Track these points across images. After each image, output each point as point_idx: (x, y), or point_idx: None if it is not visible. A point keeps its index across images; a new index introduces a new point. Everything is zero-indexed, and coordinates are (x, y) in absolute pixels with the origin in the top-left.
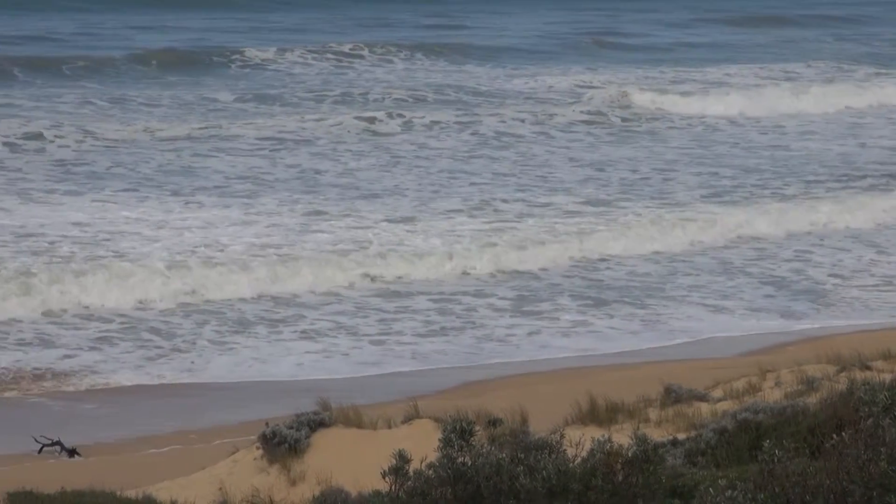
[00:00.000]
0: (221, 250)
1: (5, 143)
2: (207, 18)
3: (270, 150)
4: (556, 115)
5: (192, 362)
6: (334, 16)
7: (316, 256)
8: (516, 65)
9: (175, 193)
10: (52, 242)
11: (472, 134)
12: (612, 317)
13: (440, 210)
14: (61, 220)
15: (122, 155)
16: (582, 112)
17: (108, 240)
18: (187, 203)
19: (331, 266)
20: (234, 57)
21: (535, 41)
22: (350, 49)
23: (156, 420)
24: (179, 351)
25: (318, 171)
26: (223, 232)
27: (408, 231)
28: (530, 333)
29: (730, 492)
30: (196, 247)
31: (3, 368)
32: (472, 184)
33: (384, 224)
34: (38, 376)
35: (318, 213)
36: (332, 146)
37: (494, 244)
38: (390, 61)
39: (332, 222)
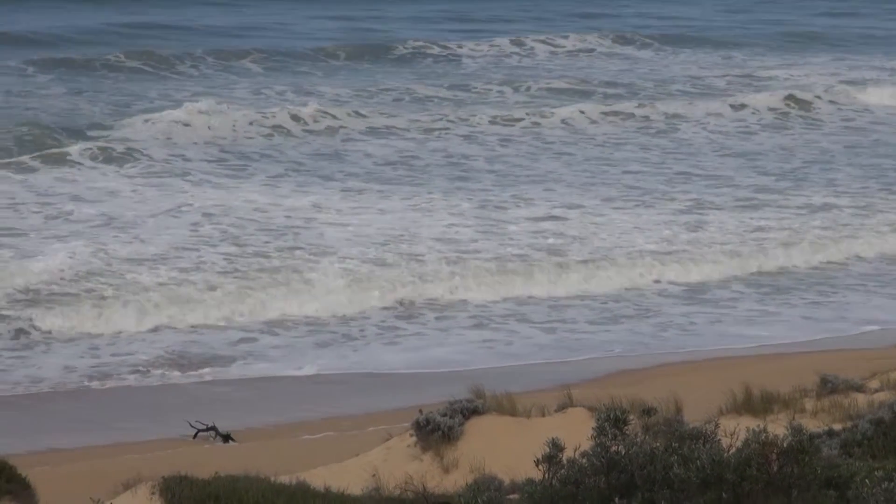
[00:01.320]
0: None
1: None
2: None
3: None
4: None
5: (355, 350)
6: (524, 5)
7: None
8: (750, 55)
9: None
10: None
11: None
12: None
13: None
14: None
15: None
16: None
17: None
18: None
19: None
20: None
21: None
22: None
23: (308, 406)
24: (350, 339)
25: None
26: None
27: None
28: (694, 322)
29: (886, 483)
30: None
31: (164, 355)
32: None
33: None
34: (198, 363)
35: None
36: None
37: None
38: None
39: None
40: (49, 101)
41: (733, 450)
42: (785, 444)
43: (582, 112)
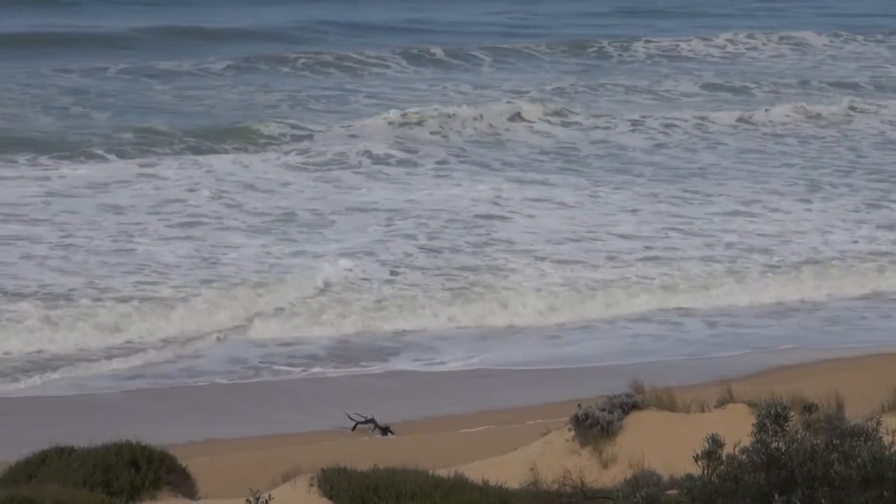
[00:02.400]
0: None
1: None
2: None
3: None
4: None
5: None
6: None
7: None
8: None
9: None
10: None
11: None
12: None
13: None
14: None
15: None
16: None
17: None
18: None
19: None
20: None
21: None
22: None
23: (466, 400)
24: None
25: None
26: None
27: None
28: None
29: None
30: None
31: (325, 348)
32: None
33: None
34: (358, 356)
35: None
36: None
37: None
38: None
39: None
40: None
41: (895, 448)
42: None
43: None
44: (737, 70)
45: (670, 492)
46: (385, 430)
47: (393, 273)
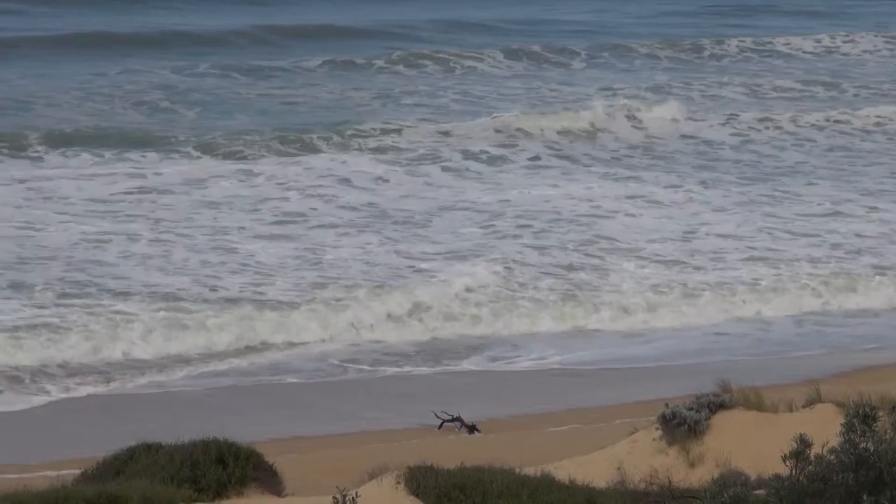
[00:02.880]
0: None
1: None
2: None
3: None
4: None
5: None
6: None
7: None
8: None
9: None
10: None
11: None
12: None
13: None
14: None
15: None
16: None
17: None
18: None
19: None
20: None
21: None
22: None
23: (553, 399)
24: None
25: None
26: None
27: None
28: None
29: None
30: None
31: (413, 345)
32: None
33: None
34: (445, 354)
35: None
36: None
37: None
38: None
39: None
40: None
41: None
42: None
43: None
44: (830, 67)
45: (758, 492)
46: (472, 429)
47: (503, 272)
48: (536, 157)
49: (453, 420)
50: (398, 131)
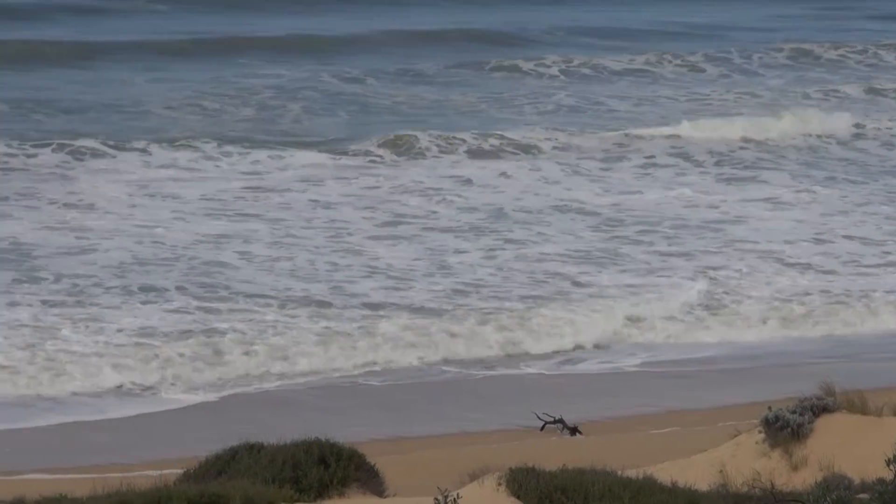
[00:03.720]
0: None
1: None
2: None
3: None
4: None
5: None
6: None
7: None
8: None
9: None
10: None
11: None
12: None
13: None
14: None
15: None
16: None
17: None
18: None
19: None
20: None
21: None
22: None
23: (653, 401)
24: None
25: None
26: None
27: None
28: None
29: None
30: None
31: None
32: None
33: None
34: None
35: None
36: None
37: None
38: None
39: None
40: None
41: None
42: None
43: None
44: None
45: (861, 496)
46: (573, 431)
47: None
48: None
49: (555, 422)
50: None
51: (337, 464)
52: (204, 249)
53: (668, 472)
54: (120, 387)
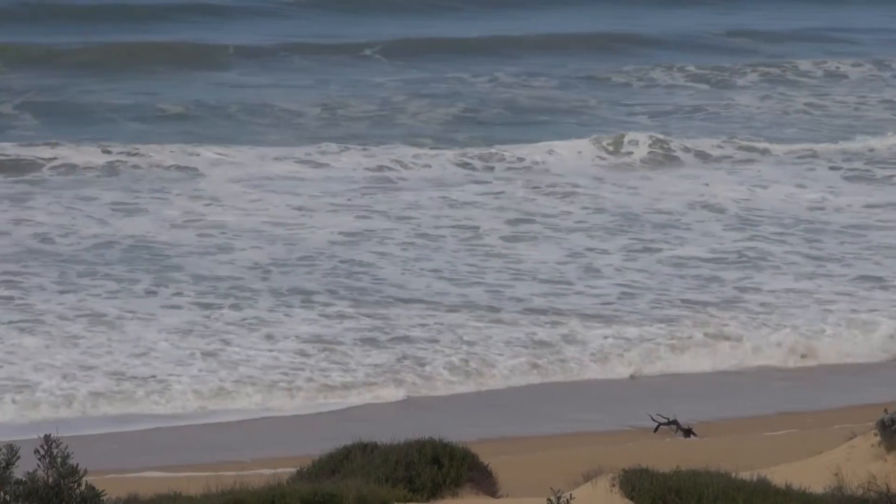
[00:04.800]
0: None
1: None
2: None
3: None
4: None
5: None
6: None
7: None
8: None
9: None
10: None
11: None
12: None
13: None
14: None
15: None
16: None
17: None
18: None
19: None
20: None
21: None
22: None
23: (769, 402)
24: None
25: None
26: None
27: None
28: None
29: None
30: None
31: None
32: None
33: None
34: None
35: None
36: None
37: None
38: None
39: None
40: None
41: None
42: None
43: None
44: None
45: None
46: (688, 432)
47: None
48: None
49: (669, 423)
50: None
51: (450, 464)
52: (340, 249)
53: (782, 475)
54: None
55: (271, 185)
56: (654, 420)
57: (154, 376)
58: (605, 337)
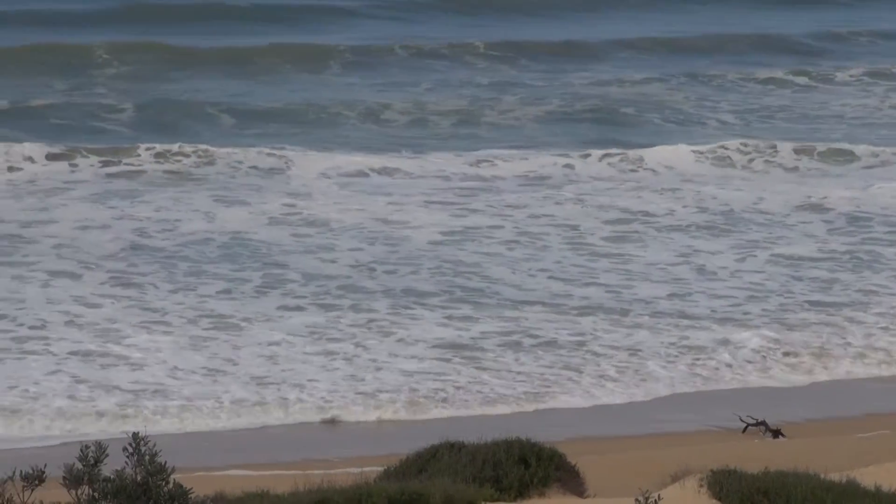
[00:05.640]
0: None
1: None
2: None
3: None
4: None
5: None
6: None
7: None
8: None
9: None
10: None
11: None
12: None
13: None
14: None
15: None
16: None
17: None
18: None
19: None
20: None
21: None
22: None
23: (858, 403)
24: None
25: None
26: None
27: None
28: None
29: None
30: None
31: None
32: None
33: None
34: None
35: None
36: None
37: None
38: None
39: None
40: None
41: None
42: None
43: None
44: None
45: None
46: (776, 433)
47: None
48: None
49: (757, 424)
50: None
51: (537, 463)
52: (442, 249)
53: (872, 476)
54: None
55: (367, 183)
56: (742, 421)
57: (299, 384)
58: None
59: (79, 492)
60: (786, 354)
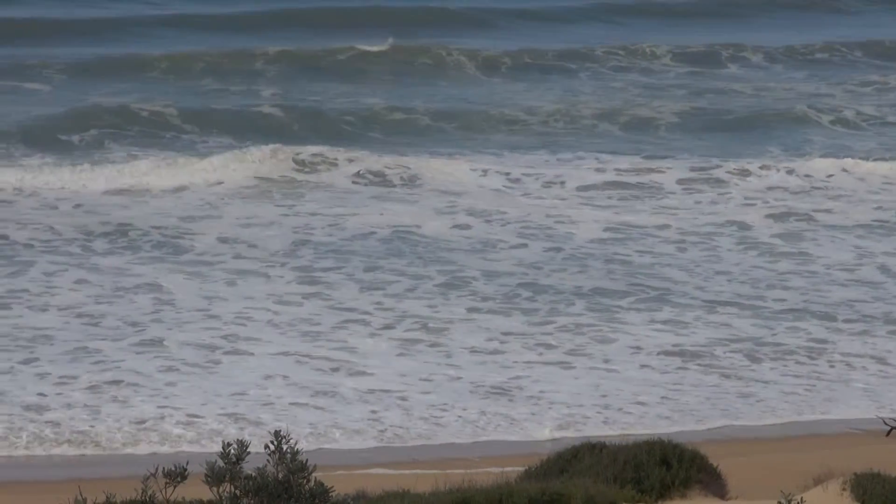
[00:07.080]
0: None
1: None
2: None
3: None
4: None
5: None
6: None
7: None
8: None
9: None
10: None
11: None
12: None
13: None
14: None
15: None
16: None
17: None
18: None
19: None
20: None
21: None
22: None
23: None
24: None
25: None
26: None
27: None
28: None
29: None
30: None
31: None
32: None
33: None
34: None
35: None
36: None
37: None
38: None
39: None
40: None
41: None
42: None
43: None
44: None
45: None
46: None
47: None
48: None
49: None
50: None
51: (679, 465)
52: (608, 247)
53: None
54: None
55: (524, 184)
56: (886, 424)
57: (534, 397)
58: None
59: (220, 489)
60: None
